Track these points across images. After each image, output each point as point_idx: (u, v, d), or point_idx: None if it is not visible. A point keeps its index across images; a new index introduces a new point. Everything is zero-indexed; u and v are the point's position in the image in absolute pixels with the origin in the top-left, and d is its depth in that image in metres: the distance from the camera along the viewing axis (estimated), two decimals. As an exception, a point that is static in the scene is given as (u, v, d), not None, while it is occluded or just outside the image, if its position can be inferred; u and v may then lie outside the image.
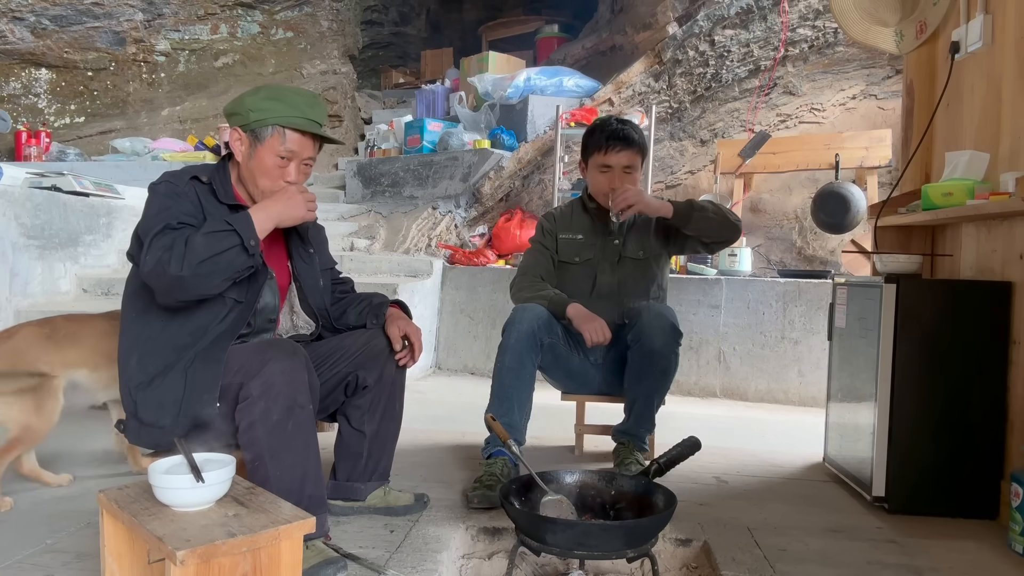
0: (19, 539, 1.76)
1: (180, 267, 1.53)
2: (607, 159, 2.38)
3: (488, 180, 5.24)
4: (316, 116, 1.74)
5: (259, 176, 1.73)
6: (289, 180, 1.74)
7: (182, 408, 1.62)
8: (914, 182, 2.60)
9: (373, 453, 1.93)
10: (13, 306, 3.62)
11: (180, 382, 1.64)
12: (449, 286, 4.68)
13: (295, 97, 1.73)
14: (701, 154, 5.53)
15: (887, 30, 2.63)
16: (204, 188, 1.74)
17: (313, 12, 7.36)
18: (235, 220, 1.60)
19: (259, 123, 1.70)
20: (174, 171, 1.78)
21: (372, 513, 1.95)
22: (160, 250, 1.55)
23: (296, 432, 1.58)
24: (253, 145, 1.72)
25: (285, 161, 1.72)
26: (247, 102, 1.72)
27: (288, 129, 1.70)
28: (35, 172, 4.21)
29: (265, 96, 1.72)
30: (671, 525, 1.79)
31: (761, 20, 4.92)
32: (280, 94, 1.73)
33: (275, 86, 1.79)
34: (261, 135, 1.71)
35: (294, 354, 1.61)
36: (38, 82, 6.72)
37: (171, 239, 1.57)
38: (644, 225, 2.51)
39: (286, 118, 1.70)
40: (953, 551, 1.86)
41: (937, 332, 2.12)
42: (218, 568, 1.16)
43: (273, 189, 1.73)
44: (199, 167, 1.82)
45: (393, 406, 1.94)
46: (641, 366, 2.30)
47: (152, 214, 1.66)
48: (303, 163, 1.76)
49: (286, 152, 1.71)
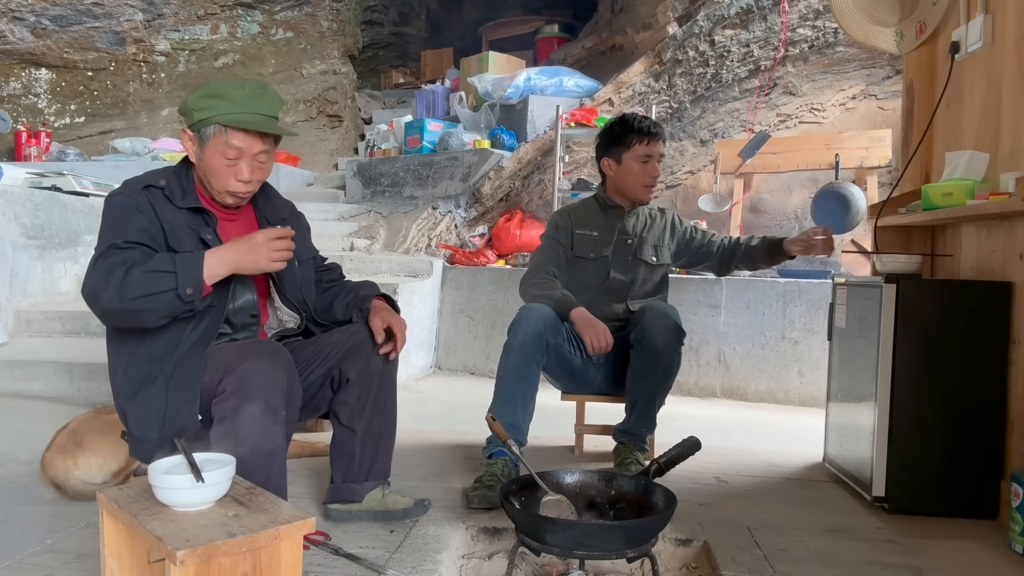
0: (19, 539, 1.76)
1: (112, 298, 1.52)
2: (648, 149, 2.47)
3: (488, 180, 5.24)
4: (263, 109, 1.67)
5: (210, 177, 1.69)
6: (242, 179, 1.69)
7: (165, 421, 1.60)
8: (914, 182, 2.60)
9: (367, 451, 1.88)
10: (13, 306, 3.63)
11: (162, 394, 1.62)
12: (449, 286, 4.68)
13: (236, 92, 1.65)
14: (701, 154, 5.53)
15: (887, 30, 2.63)
16: (159, 194, 1.69)
17: (313, 12, 7.36)
18: (182, 262, 1.55)
19: (202, 123, 1.65)
20: (131, 179, 1.72)
21: (370, 519, 1.89)
22: (100, 274, 1.54)
23: (264, 434, 1.53)
24: (200, 145, 1.67)
25: (234, 160, 1.66)
26: (190, 101, 1.67)
27: (231, 128, 1.64)
28: (35, 172, 4.22)
29: (205, 93, 1.65)
30: (671, 525, 1.79)
31: (761, 20, 4.92)
32: (220, 90, 1.65)
33: (218, 82, 1.70)
34: (205, 135, 1.66)
35: (275, 355, 1.59)
36: (38, 82, 6.71)
37: (112, 264, 1.54)
38: (660, 234, 2.59)
39: (227, 115, 1.63)
40: (953, 551, 1.86)
41: (937, 332, 2.12)
42: (218, 568, 1.16)
43: (226, 189, 1.69)
44: (157, 171, 1.76)
45: (383, 401, 1.87)
46: (644, 365, 2.31)
47: (103, 231, 1.63)
48: (255, 159, 1.69)
49: (232, 151, 1.65)
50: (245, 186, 1.72)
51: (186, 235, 1.69)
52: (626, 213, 2.56)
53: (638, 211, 2.59)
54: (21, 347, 3.41)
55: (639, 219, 2.58)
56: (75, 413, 2.33)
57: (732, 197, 4.83)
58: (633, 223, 2.57)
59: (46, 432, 2.19)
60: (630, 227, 2.56)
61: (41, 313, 3.69)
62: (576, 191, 4.85)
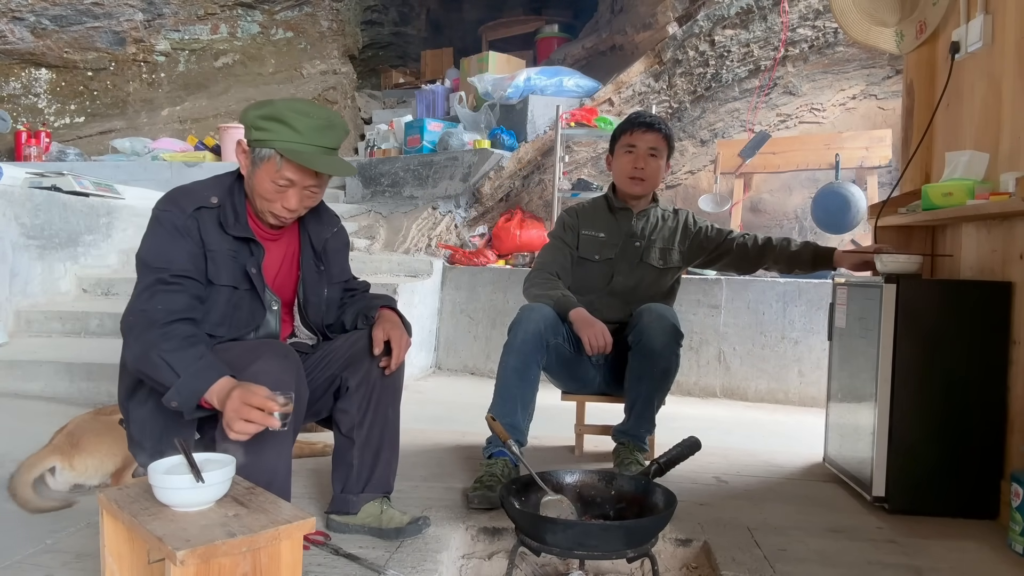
0: (19, 539, 1.76)
1: (129, 357, 1.53)
2: (632, 139, 2.46)
3: (488, 180, 5.24)
4: (325, 141, 1.60)
5: (257, 197, 1.65)
6: (288, 207, 1.64)
7: (162, 436, 1.58)
8: (914, 182, 2.60)
9: (365, 462, 1.83)
10: (13, 306, 3.63)
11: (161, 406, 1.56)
12: (449, 286, 4.68)
13: (301, 120, 1.57)
14: (701, 154, 5.53)
15: (887, 30, 2.63)
16: (211, 215, 1.64)
17: (313, 12, 7.36)
18: (189, 377, 1.43)
19: (258, 143, 1.59)
20: (183, 192, 1.66)
21: (364, 533, 1.82)
22: (142, 306, 1.53)
23: (271, 434, 1.50)
24: (253, 164, 1.62)
25: (284, 188, 1.61)
26: (250, 116, 1.60)
27: (286, 158, 1.57)
28: (35, 172, 4.22)
29: (268, 114, 1.58)
30: (671, 525, 1.79)
31: (761, 20, 4.92)
32: (285, 114, 1.57)
33: (286, 103, 1.60)
34: (259, 156, 1.60)
35: (285, 357, 1.57)
36: (38, 82, 6.71)
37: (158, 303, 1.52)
38: (670, 237, 2.55)
39: (285, 144, 1.57)
40: (953, 551, 1.86)
41: (937, 332, 2.12)
42: (218, 568, 1.16)
43: (270, 211, 1.65)
44: (208, 184, 1.69)
45: (384, 411, 1.82)
46: (642, 366, 2.30)
47: (150, 248, 1.60)
48: (306, 190, 1.64)
49: (283, 180, 1.60)
50: (290, 214, 1.68)
51: (228, 266, 1.65)
52: (634, 215, 2.54)
53: (648, 212, 2.55)
54: (21, 347, 3.41)
55: (648, 221, 2.55)
56: (75, 413, 2.33)
57: (732, 197, 4.83)
58: (642, 225, 2.53)
59: (46, 432, 2.19)
60: (638, 229, 2.52)
61: (41, 313, 3.69)
62: (576, 191, 4.85)
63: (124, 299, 4.66)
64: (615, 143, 2.53)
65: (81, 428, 2.13)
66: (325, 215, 1.87)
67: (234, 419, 1.38)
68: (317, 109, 1.63)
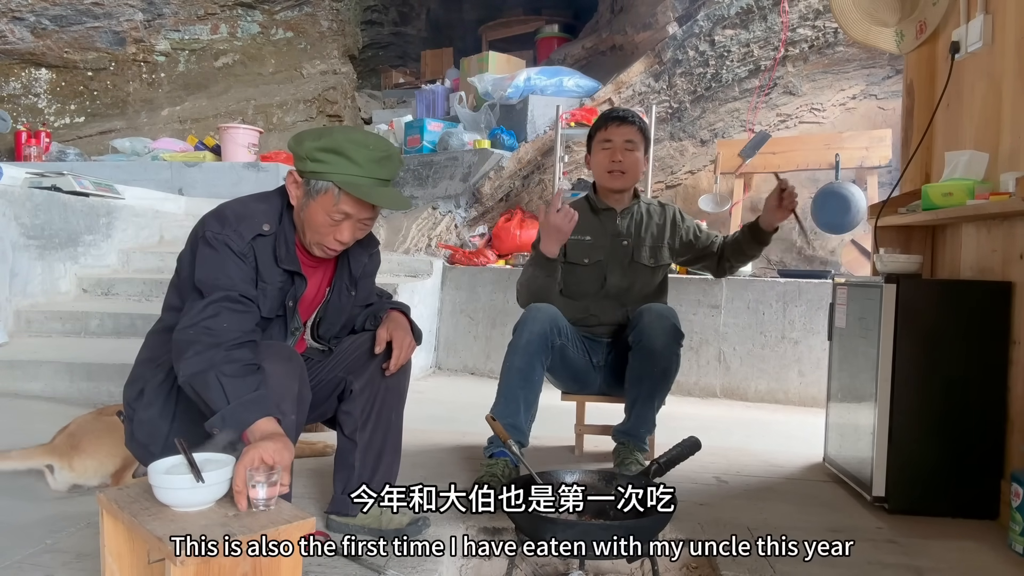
0: (19, 539, 1.76)
1: (187, 367, 1.43)
2: (607, 134, 2.45)
3: (488, 180, 5.24)
4: (384, 173, 1.56)
5: (308, 229, 1.61)
6: (341, 240, 1.60)
7: (170, 440, 1.54)
8: (914, 182, 2.60)
9: (367, 464, 1.83)
10: (13, 306, 3.63)
11: (169, 410, 1.57)
12: (449, 286, 4.68)
13: (360, 152, 1.53)
14: (701, 154, 5.53)
15: (887, 30, 2.63)
16: (266, 244, 1.59)
17: (313, 12, 7.36)
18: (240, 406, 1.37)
19: (314, 175, 1.54)
20: (237, 216, 1.58)
21: (365, 534, 1.81)
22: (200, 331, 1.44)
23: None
24: (307, 195, 1.57)
25: (339, 221, 1.58)
26: (307, 147, 1.54)
27: (344, 191, 1.53)
28: (35, 172, 4.22)
29: (326, 146, 1.53)
30: (671, 525, 1.79)
31: (761, 20, 4.92)
32: (343, 146, 1.52)
33: (343, 134, 1.55)
34: (315, 188, 1.55)
35: (288, 360, 1.57)
36: (38, 82, 6.71)
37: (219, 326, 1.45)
38: (658, 234, 2.52)
39: (345, 177, 1.52)
40: (953, 551, 1.86)
41: (937, 332, 2.12)
42: (218, 568, 1.16)
43: (322, 244, 1.62)
44: (262, 209, 1.62)
45: (387, 414, 1.83)
46: (642, 367, 2.30)
47: (209, 273, 1.53)
48: (360, 223, 1.61)
49: (339, 214, 1.56)
50: (341, 246, 1.65)
51: (273, 297, 1.63)
52: (618, 214, 2.50)
53: (632, 209, 2.52)
54: (21, 347, 3.41)
55: (633, 219, 2.51)
56: (75, 413, 2.33)
57: (732, 197, 4.82)
58: (627, 224, 2.50)
59: (46, 432, 2.19)
60: (624, 228, 2.49)
61: (41, 313, 3.69)
62: (576, 191, 4.84)
63: (124, 299, 4.66)
64: (591, 141, 2.53)
65: (82, 429, 2.13)
66: (366, 238, 1.80)
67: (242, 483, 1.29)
68: (374, 139, 1.59)
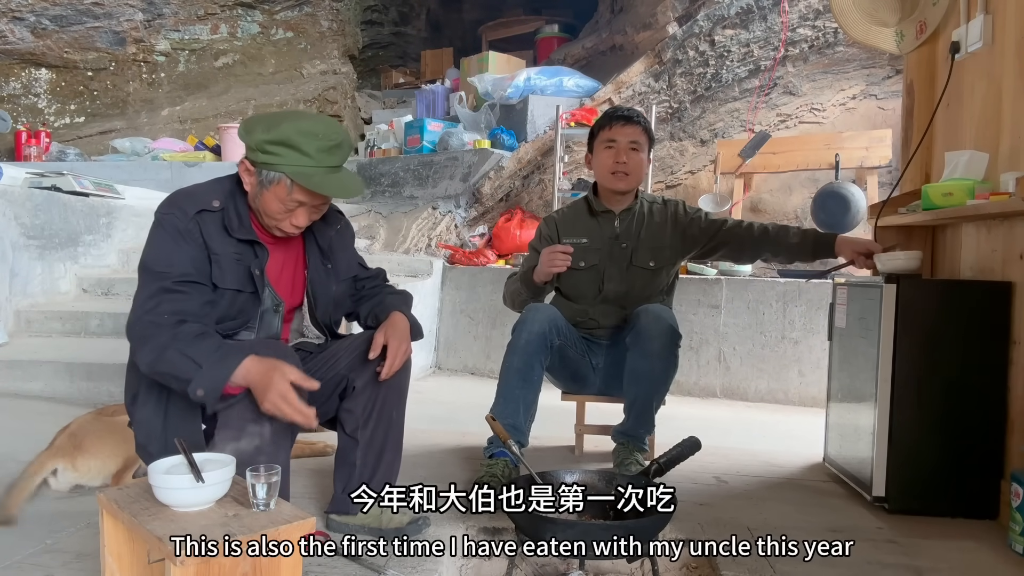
0: (19, 539, 1.76)
1: (143, 362, 1.51)
2: (612, 133, 2.40)
3: (488, 180, 5.24)
4: (335, 161, 1.59)
5: (263, 215, 1.64)
6: (297, 224, 1.64)
7: (167, 438, 1.58)
8: (914, 182, 2.60)
9: (368, 463, 1.83)
10: (13, 306, 3.63)
11: (161, 407, 1.60)
12: (449, 286, 4.68)
13: (310, 143, 1.54)
14: (701, 154, 5.53)
15: (887, 30, 2.63)
16: (214, 219, 1.62)
17: (313, 12, 7.36)
18: (211, 365, 1.44)
19: (266, 166, 1.57)
20: (185, 195, 1.64)
21: (365, 534, 1.81)
22: (150, 315, 1.51)
23: (268, 437, 1.51)
24: (260, 185, 1.60)
25: (293, 208, 1.61)
26: (257, 137, 1.56)
27: (297, 182, 1.56)
28: (35, 172, 4.22)
29: (276, 139, 1.54)
30: (671, 525, 1.79)
31: (761, 20, 4.92)
32: (292, 138, 1.54)
33: (292, 125, 1.56)
34: (267, 178, 1.58)
35: (282, 357, 1.56)
36: (38, 82, 6.71)
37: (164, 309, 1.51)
38: (659, 233, 2.46)
39: (297, 168, 1.55)
40: (953, 551, 1.86)
41: (937, 332, 2.12)
42: (218, 568, 1.16)
43: (278, 227, 1.65)
44: (209, 187, 1.67)
45: (389, 413, 1.84)
46: (640, 367, 2.29)
47: (151, 254, 1.58)
48: (315, 208, 1.64)
49: (293, 202, 1.59)
50: (298, 229, 1.68)
51: (232, 269, 1.64)
52: (617, 216, 2.46)
53: (632, 210, 2.46)
54: (21, 347, 3.41)
55: (633, 221, 2.46)
56: (75, 413, 2.33)
57: (732, 197, 4.82)
58: (626, 226, 2.45)
59: (46, 432, 2.19)
60: (622, 230, 2.45)
61: (41, 313, 3.69)
62: (576, 191, 4.84)
63: (124, 299, 4.67)
64: (593, 140, 2.48)
65: (84, 429, 2.13)
66: (329, 213, 1.83)
67: (271, 399, 1.44)
68: (323, 127, 1.59)
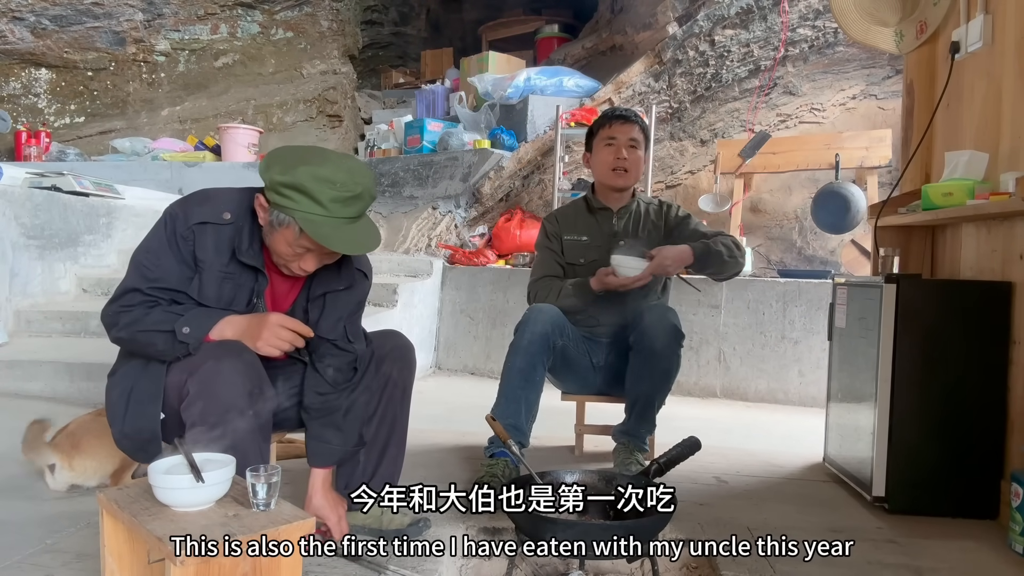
0: (19, 539, 1.76)
1: (122, 333, 1.57)
2: (611, 132, 2.44)
3: (488, 180, 5.24)
4: (351, 212, 1.51)
5: (273, 252, 1.60)
6: (305, 269, 1.59)
7: (126, 421, 1.61)
8: (914, 182, 2.60)
9: (370, 460, 1.84)
10: (13, 306, 3.63)
11: (127, 389, 1.62)
12: (449, 286, 4.68)
13: (327, 191, 1.46)
14: (701, 154, 5.53)
15: (887, 30, 2.63)
16: (216, 232, 1.59)
17: (313, 12, 7.35)
18: (195, 313, 1.55)
19: (277, 208, 1.51)
20: (199, 200, 1.62)
21: (365, 534, 1.78)
22: (120, 306, 1.57)
23: (233, 436, 1.48)
24: (271, 224, 1.54)
25: (301, 253, 1.56)
26: (273, 177, 1.50)
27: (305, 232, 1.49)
28: (35, 172, 4.22)
29: (290, 184, 1.47)
30: (671, 525, 1.79)
31: (761, 20, 4.92)
32: (308, 186, 1.46)
33: (309, 169, 1.47)
34: (277, 221, 1.52)
35: (238, 355, 1.54)
36: (38, 82, 6.71)
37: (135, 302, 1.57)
38: (655, 234, 2.49)
39: (308, 216, 1.47)
40: (953, 551, 1.86)
41: (937, 332, 2.12)
42: (218, 568, 1.16)
43: (286, 267, 1.61)
44: (231, 199, 1.62)
45: (393, 411, 1.85)
46: (642, 367, 2.30)
47: (143, 253, 1.60)
48: (326, 255, 1.59)
49: (300, 248, 1.54)
50: (306, 272, 1.63)
51: (216, 285, 1.61)
52: (614, 214, 2.50)
53: (630, 209, 2.51)
54: (21, 347, 3.41)
55: (631, 219, 2.50)
56: (75, 413, 2.32)
57: (732, 197, 4.82)
58: (624, 224, 2.49)
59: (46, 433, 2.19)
60: (620, 228, 2.48)
61: (41, 313, 3.69)
62: (576, 191, 4.84)
63: (124, 299, 4.57)
64: (592, 138, 2.52)
65: (82, 429, 2.13)
66: (345, 269, 1.73)
67: (265, 338, 1.54)
68: (344, 175, 1.50)
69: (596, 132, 2.50)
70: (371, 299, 3.71)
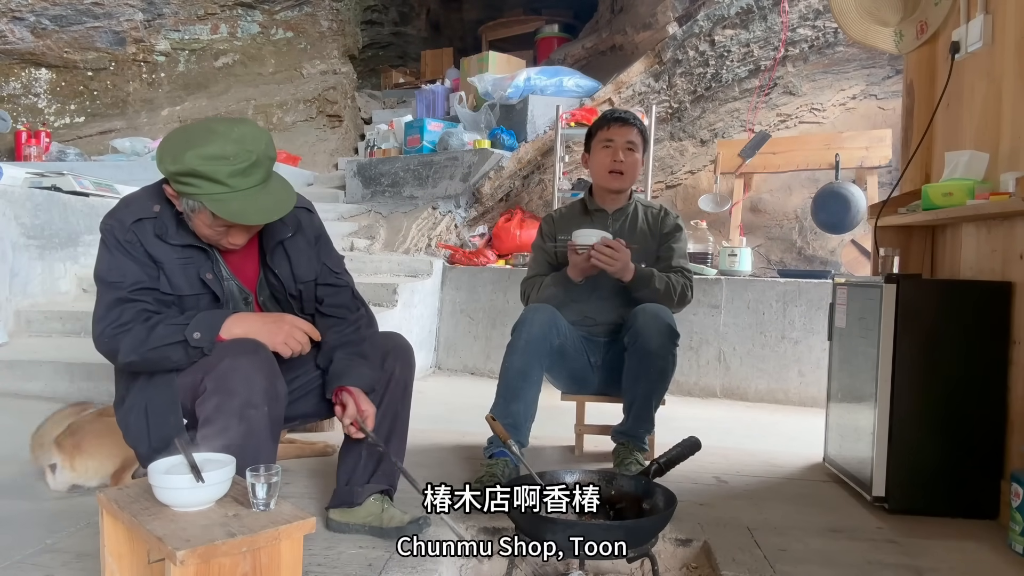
0: (19, 539, 1.76)
1: (128, 356, 1.54)
2: (609, 133, 2.46)
3: (488, 180, 5.24)
4: (253, 181, 1.50)
5: (201, 236, 1.61)
6: (235, 243, 1.62)
7: (151, 436, 1.60)
8: (914, 182, 2.60)
9: (372, 454, 1.85)
10: (13, 306, 3.63)
11: (141, 407, 1.61)
12: (449, 286, 4.68)
13: (221, 168, 1.46)
14: (701, 154, 5.53)
15: (887, 30, 2.63)
16: (153, 226, 1.60)
17: (313, 12, 7.36)
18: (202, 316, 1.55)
19: (184, 195, 1.52)
20: (125, 203, 1.63)
21: (365, 533, 1.81)
22: (114, 327, 1.54)
23: (248, 433, 1.51)
24: (186, 212, 1.56)
25: (224, 232, 1.58)
26: (167, 166, 1.49)
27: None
28: (35, 172, 4.21)
29: (183, 171, 1.47)
30: (671, 525, 1.79)
31: (761, 20, 4.92)
32: (199, 168, 1.45)
33: (195, 150, 1.46)
34: (188, 207, 1.54)
35: (254, 353, 1.56)
36: (38, 82, 6.71)
37: (128, 318, 1.54)
38: (651, 238, 2.50)
39: (214, 197, 1.48)
40: (953, 551, 1.86)
41: (937, 332, 2.12)
42: (218, 568, 1.16)
43: (219, 245, 1.63)
44: (154, 192, 1.63)
45: (395, 408, 1.86)
46: (638, 367, 2.30)
47: (103, 271, 1.59)
48: (249, 228, 1.61)
49: (221, 227, 1.56)
50: (238, 245, 1.65)
51: (180, 274, 1.63)
52: (610, 216, 2.51)
53: (626, 211, 2.52)
54: (21, 347, 3.41)
55: (627, 222, 2.51)
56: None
57: (732, 197, 4.82)
58: (619, 225, 2.50)
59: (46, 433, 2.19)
60: (615, 230, 2.48)
61: (41, 313, 3.69)
62: (576, 191, 4.84)
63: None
64: (591, 140, 2.53)
65: (83, 429, 2.13)
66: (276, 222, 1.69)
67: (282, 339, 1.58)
68: (233, 146, 1.47)
69: (594, 133, 2.51)
70: (371, 299, 3.71)
